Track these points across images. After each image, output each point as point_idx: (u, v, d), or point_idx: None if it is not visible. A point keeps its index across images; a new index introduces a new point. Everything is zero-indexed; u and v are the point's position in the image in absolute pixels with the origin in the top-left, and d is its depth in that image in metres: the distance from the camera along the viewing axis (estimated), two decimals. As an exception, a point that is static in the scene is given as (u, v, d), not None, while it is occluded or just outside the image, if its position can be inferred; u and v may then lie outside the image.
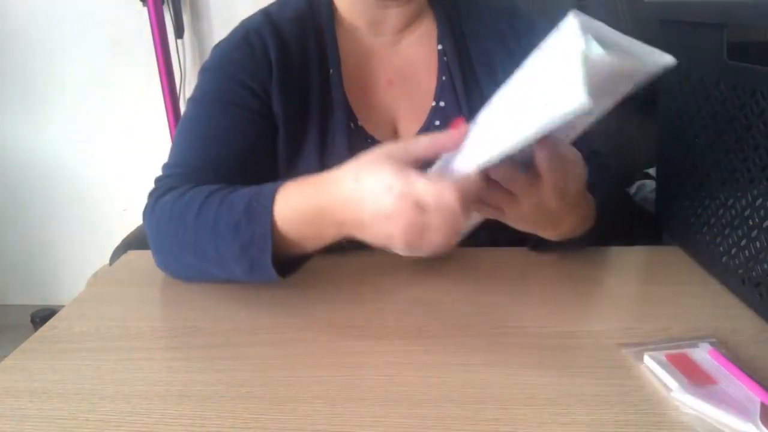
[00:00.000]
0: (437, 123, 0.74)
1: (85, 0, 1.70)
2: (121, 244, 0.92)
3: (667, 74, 0.73)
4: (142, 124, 1.79)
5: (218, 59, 0.73)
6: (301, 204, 0.56)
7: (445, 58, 0.75)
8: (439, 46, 0.76)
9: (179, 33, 1.68)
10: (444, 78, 0.75)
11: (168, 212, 0.62)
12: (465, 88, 0.74)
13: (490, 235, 0.73)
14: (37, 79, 1.79)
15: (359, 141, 0.72)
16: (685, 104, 0.70)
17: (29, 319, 1.88)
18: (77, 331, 0.57)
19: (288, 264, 0.60)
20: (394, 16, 0.74)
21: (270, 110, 0.71)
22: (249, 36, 0.71)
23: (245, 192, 0.59)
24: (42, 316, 1.87)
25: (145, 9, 1.62)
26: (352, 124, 0.72)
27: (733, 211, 0.61)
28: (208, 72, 0.73)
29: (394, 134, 0.75)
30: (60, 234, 1.97)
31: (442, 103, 0.74)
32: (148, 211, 0.65)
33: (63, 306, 0.62)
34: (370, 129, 0.73)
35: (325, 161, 0.71)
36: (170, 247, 0.63)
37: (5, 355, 0.53)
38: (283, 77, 0.70)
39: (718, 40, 0.61)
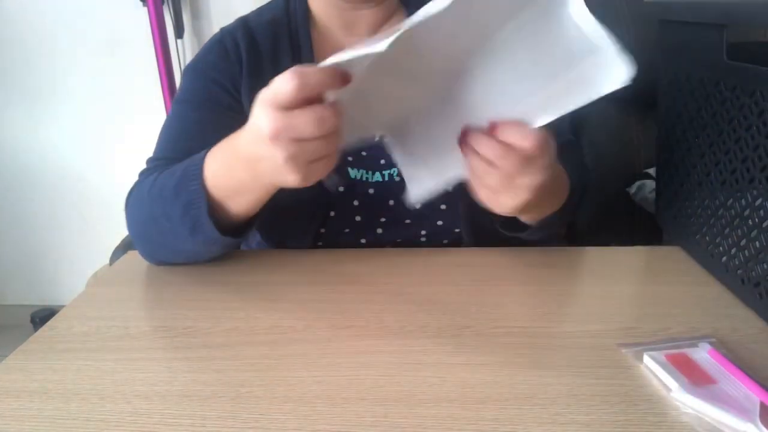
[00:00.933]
0: None
1: (85, 0, 1.70)
2: (121, 244, 0.92)
3: (667, 74, 0.74)
4: (142, 124, 1.79)
5: (195, 62, 0.78)
6: (223, 154, 0.60)
7: None
8: None
9: (179, 33, 1.68)
10: None
11: (136, 196, 0.69)
12: None
13: (475, 226, 0.74)
14: (37, 79, 1.79)
15: None
16: (685, 104, 0.70)
17: (29, 319, 1.88)
18: (77, 331, 0.57)
19: (232, 232, 0.64)
20: (367, 17, 0.76)
21: (241, 105, 0.74)
22: (224, 39, 0.76)
23: (185, 161, 0.64)
24: (42, 316, 1.87)
25: (145, 9, 1.62)
26: None
27: (733, 211, 0.61)
28: (187, 73, 0.78)
29: None
30: (60, 234, 1.97)
31: None
32: (126, 201, 0.71)
33: (63, 306, 0.62)
34: None
35: None
36: (140, 227, 0.68)
37: (5, 355, 0.53)
38: (254, 75, 0.74)
39: (718, 40, 0.61)
